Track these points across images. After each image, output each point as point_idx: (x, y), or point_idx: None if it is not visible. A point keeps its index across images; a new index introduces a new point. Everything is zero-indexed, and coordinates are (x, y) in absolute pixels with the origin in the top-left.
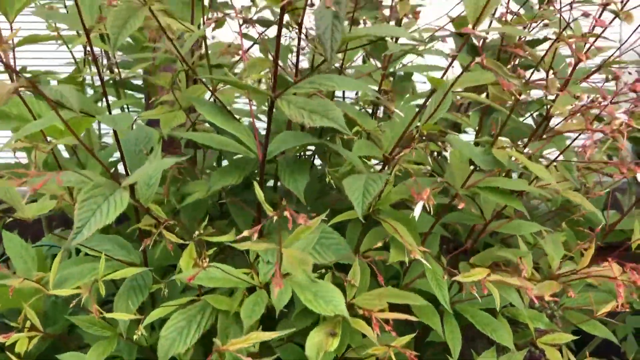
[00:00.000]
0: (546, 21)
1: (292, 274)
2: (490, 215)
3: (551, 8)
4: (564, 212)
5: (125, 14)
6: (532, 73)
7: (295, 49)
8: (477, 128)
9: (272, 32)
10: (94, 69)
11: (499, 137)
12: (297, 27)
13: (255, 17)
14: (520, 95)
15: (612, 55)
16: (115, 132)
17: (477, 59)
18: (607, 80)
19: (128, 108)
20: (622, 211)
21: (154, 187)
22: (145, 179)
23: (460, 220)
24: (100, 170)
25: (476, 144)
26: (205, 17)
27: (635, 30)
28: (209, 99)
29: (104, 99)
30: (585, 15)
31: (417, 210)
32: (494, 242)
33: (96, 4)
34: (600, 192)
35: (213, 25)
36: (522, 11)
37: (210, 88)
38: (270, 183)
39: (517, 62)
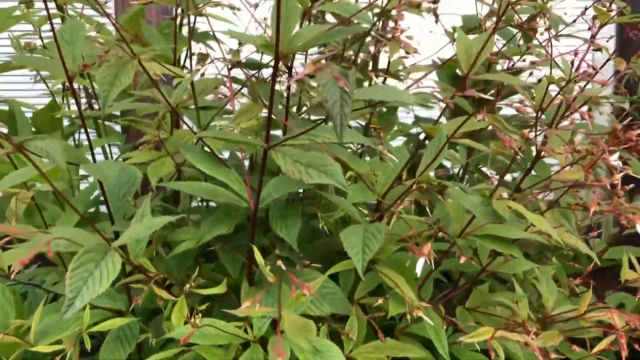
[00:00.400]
0: (535, 58)
1: (292, 339)
2: (486, 260)
3: (536, 42)
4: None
5: (115, 69)
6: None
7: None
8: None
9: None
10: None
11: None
12: (287, 70)
13: (242, 48)
14: (520, 150)
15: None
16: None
17: (479, 116)
18: (589, 109)
19: (110, 148)
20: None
21: (144, 242)
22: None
23: (457, 268)
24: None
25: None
26: (188, 50)
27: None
28: (196, 143)
29: (83, 133)
30: (587, 75)
31: (419, 268)
32: (485, 277)
33: (79, 52)
34: (594, 233)
35: (196, 59)
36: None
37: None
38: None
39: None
